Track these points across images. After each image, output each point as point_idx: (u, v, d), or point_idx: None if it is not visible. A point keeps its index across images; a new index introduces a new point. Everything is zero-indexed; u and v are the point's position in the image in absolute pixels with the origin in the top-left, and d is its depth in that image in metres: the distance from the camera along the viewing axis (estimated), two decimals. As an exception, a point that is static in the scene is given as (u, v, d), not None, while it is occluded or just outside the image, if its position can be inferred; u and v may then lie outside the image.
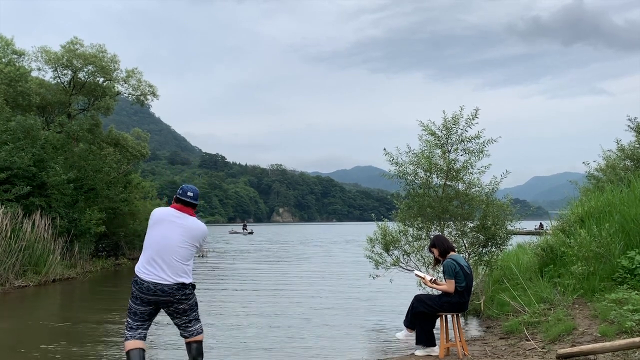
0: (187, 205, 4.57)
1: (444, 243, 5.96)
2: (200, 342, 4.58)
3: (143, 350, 4.44)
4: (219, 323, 8.16)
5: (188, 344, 4.58)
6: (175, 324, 4.60)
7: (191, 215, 4.56)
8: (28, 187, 13.76)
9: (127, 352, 4.41)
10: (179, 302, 4.43)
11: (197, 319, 4.60)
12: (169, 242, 4.40)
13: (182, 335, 4.62)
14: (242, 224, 61.83)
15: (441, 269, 5.93)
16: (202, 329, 4.62)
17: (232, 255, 23.55)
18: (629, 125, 11.94)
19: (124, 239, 19.51)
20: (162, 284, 4.33)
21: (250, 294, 11.66)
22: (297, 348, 6.63)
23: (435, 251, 5.97)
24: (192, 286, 4.55)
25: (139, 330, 4.48)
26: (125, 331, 4.51)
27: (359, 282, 12.87)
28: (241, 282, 13.74)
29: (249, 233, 52.34)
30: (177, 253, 4.40)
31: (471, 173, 8.38)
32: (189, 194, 4.57)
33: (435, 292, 6.07)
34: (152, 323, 4.66)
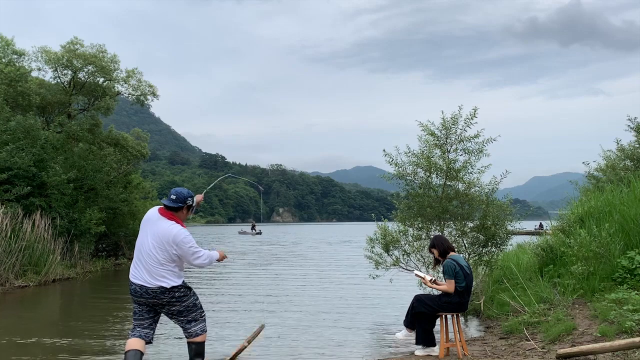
0: (167, 209, 4.49)
1: (443, 243, 5.97)
2: (199, 344, 4.54)
3: (140, 352, 4.39)
4: (216, 325, 8.15)
5: (188, 344, 4.58)
6: (177, 324, 4.61)
7: (171, 218, 4.44)
8: (28, 187, 13.76)
9: (125, 352, 4.43)
10: (170, 304, 4.41)
11: (197, 320, 4.55)
12: (144, 247, 4.41)
13: (184, 335, 4.62)
14: (250, 224, 61.47)
15: (441, 269, 5.93)
16: (202, 330, 4.57)
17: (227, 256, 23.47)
18: (629, 125, 11.94)
19: (124, 239, 19.52)
20: (145, 286, 4.36)
21: (247, 295, 11.66)
22: (297, 349, 6.63)
23: (435, 251, 5.99)
24: (186, 288, 4.51)
25: (138, 329, 4.50)
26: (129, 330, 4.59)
27: (359, 283, 12.86)
28: (237, 285, 13.73)
29: (257, 233, 52.23)
30: (152, 257, 4.36)
31: (471, 173, 8.39)
32: (172, 197, 4.50)
33: (436, 292, 6.07)
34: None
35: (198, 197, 4.88)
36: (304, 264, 19.83)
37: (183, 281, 4.53)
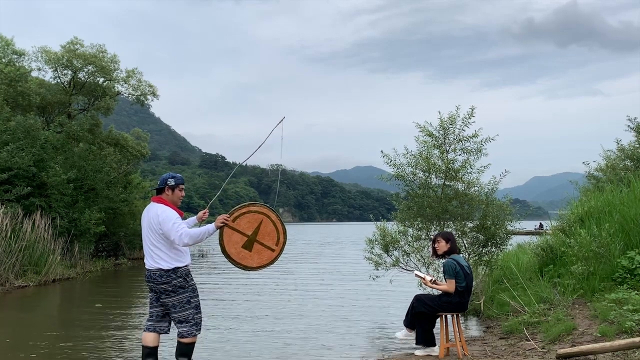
0: (157, 194, 4.80)
1: (455, 243, 5.99)
2: (184, 344, 4.66)
3: (152, 347, 4.69)
4: (214, 325, 8.15)
5: (177, 341, 4.75)
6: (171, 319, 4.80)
7: (159, 201, 4.72)
8: (28, 187, 13.75)
9: (142, 346, 4.77)
10: (167, 294, 4.60)
11: (184, 321, 4.64)
12: (144, 233, 4.75)
13: None
14: None
15: (439, 263, 5.93)
16: (189, 334, 4.65)
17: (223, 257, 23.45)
18: (628, 126, 11.94)
19: (124, 239, 19.49)
20: (149, 269, 4.68)
21: (245, 295, 11.66)
22: (297, 348, 6.63)
23: (445, 245, 5.88)
24: (184, 278, 4.64)
25: (152, 320, 4.74)
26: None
27: (358, 283, 12.86)
28: (235, 285, 13.72)
29: None
30: (148, 240, 4.67)
31: (470, 173, 8.38)
32: (159, 182, 4.83)
33: (436, 292, 6.07)
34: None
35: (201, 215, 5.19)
36: (303, 263, 19.82)
37: (183, 268, 4.68)
